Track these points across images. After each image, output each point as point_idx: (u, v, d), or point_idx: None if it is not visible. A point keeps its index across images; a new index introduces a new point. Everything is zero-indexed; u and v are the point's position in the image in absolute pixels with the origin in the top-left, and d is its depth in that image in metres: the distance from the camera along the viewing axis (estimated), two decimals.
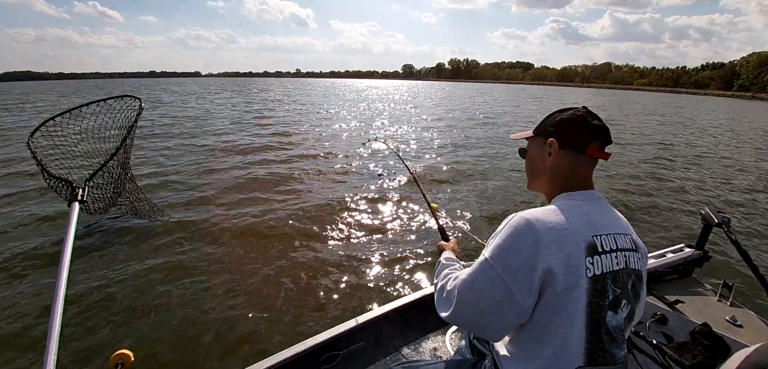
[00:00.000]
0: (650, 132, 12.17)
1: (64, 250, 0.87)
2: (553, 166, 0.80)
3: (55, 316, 0.80)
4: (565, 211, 0.71)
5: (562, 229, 0.68)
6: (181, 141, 8.68)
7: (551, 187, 0.81)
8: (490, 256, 0.71)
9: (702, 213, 1.91)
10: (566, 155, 0.78)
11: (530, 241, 0.67)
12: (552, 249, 0.66)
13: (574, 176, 0.78)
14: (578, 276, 0.66)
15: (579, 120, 0.78)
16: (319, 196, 4.80)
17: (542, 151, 0.82)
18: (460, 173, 6.20)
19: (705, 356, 1.35)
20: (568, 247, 0.66)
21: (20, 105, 19.71)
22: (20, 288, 2.73)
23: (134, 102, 3.47)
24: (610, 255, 0.69)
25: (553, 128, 0.81)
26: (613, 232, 0.72)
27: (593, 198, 0.76)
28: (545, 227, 0.67)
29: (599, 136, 0.77)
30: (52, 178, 2.77)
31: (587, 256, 0.67)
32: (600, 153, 0.77)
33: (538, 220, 0.68)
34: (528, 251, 0.67)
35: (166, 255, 3.20)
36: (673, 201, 5.09)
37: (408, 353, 1.53)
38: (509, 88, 66.13)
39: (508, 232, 0.70)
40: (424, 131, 11.12)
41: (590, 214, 0.72)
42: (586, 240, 0.68)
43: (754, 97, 60.83)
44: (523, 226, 0.69)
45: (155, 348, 2.17)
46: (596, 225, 0.71)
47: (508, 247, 0.69)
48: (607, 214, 0.75)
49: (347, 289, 2.77)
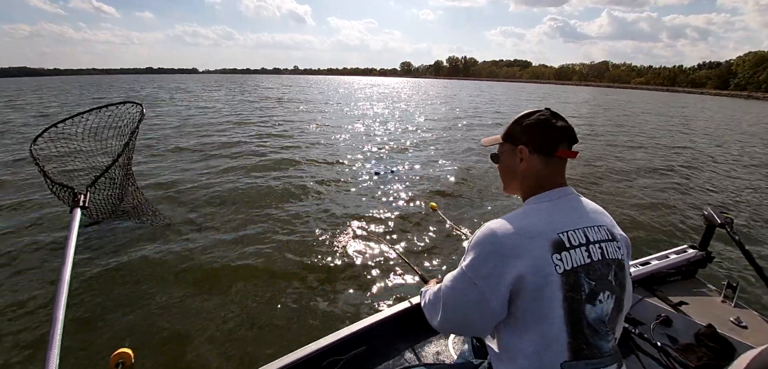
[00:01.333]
0: (650, 132, 12.22)
1: (66, 255, 0.85)
2: (525, 171, 0.82)
3: (57, 319, 0.79)
4: (530, 214, 0.76)
5: (525, 232, 0.71)
6: (181, 142, 8.62)
7: (525, 191, 0.84)
8: (465, 264, 0.76)
9: (705, 213, 1.91)
10: (537, 159, 0.80)
11: (494, 249, 0.71)
12: (516, 253, 0.69)
13: (545, 178, 0.80)
14: (547, 274, 0.68)
15: (545, 124, 0.80)
16: (320, 200, 4.79)
17: (514, 158, 0.84)
18: (462, 174, 6.19)
19: (710, 358, 1.34)
20: (534, 249, 0.69)
21: (28, 103, 19.53)
22: (22, 292, 2.71)
23: (135, 108, 3.46)
24: (579, 249, 0.72)
25: (522, 134, 0.83)
26: (582, 225, 0.74)
27: (563, 195, 0.79)
28: (507, 234, 0.72)
29: (566, 138, 0.80)
30: (54, 184, 2.75)
31: (554, 254, 0.69)
32: (568, 153, 0.80)
33: (501, 228, 0.73)
34: (493, 259, 0.71)
35: (167, 258, 3.18)
36: (675, 201, 5.11)
37: (410, 357, 1.52)
38: (510, 87, 66.22)
39: (476, 241, 0.75)
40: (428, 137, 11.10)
41: (557, 212, 0.75)
42: (550, 238, 0.70)
43: (750, 96, 61.23)
44: (488, 235, 0.74)
45: (156, 348, 2.16)
46: (562, 222, 0.73)
47: (477, 256, 0.74)
48: (577, 209, 0.78)
49: (349, 293, 2.75)
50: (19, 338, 2.25)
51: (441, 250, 3.36)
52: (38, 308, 2.53)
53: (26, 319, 2.42)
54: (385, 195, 4.87)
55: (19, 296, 2.65)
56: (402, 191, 4.97)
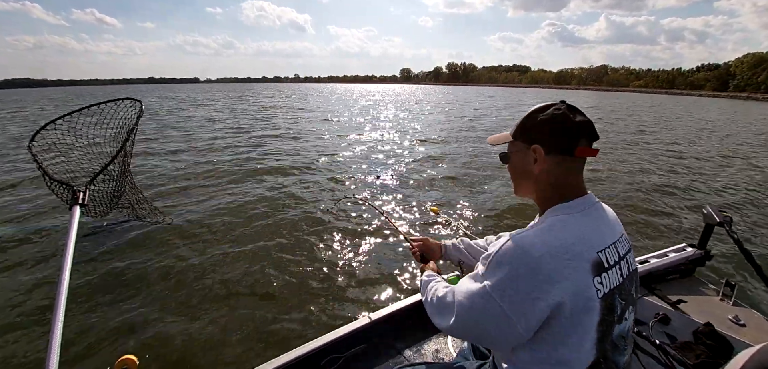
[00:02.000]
0: (650, 132, 12.24)
1: (66, 253, 0.86)
2: (541, 174, 0.73)
3: (57, 320, 0.79)
4: (564, 229, 0.66)
5: (565, 252, 0.63)
6: (181, 144, 8.67)
7: (542, 196, 0.75)
8: (489, 283, 0.67)
9: (704, 212, 1.91)
10: (554, 160, 0.71)
11: (529, 271, 0.63)
12: (556, 278, 0.61)
13: (565, 182, 0.72)
14: (589, 299, 0.63)
15: (562, 119, 0.71)
16: (321, 201, 4.80)
17: (527, 158, 0.75)
18: (464, 177, 6.21)
19: (708, 356, 1.34)
20: (575, 272, 0.62)
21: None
22: (21, 292, 2.71)
23: (134, 105, 3.46)
24: (615, 268, 0.67)
25: (536, 132, 0.73)
26: (614, 240, 0.69)
27: (591, 205, 0.72)
28: (544, 254, 0.62)
29: (585, 134, 0.71)
30: (53, 181, 2.76)
31: (595, 276, 0.63)
32: (589, 151, 0.71)
33: (535, 246, 0.63)
34: (527, 282, 0.63)
35: (167, 258, 3.19)
36: (674, 200, 5.11)
37: (410, 355, 1.52)
38: (513, 92, 66.46)
39: (504, 258, 0.66)
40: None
41: (591, 227, 0.68)
42: (591, 258, 0.64)
43: (749, 97, 61.29)
44: (520, 254, 0.64)
45: (158, 352, 2.16)
46: (598, 238, 0.67)
47: (507, 277, 0.65)
48: (606, 221, 0.72)
49: (349, 292, 2.76)
50: (19, 338, 2.24)
51: None
52: (38, 307, 2.54)
53: (25, 319, 2.42)
54: (386, 197, 4.88)
55: (19, 295, 2.66)
56: (404, 194, 4.98)
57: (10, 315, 2.46)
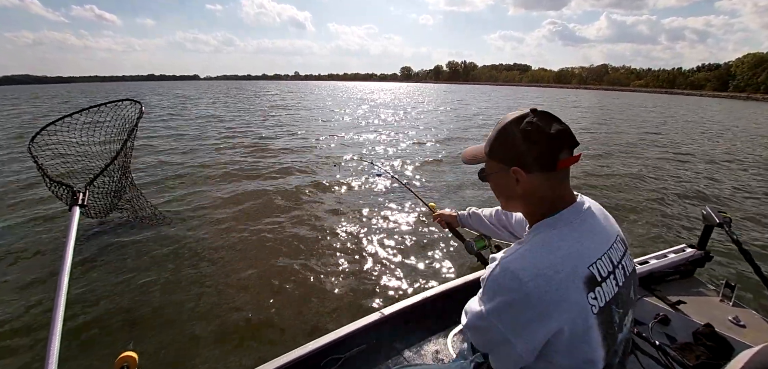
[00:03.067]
0: (650, 132, 12.23)
1: (66, 253, 0.86)
2: (526, 194, 0.70)
3: (57, 319, 0.79)
4: (552, 248, 0.64)
5: (555, 274, 0.61)
6: (181, 145, 8.66)
7: (530, 212, 0.74)
8: (486, 308, 0.67)
9: (703, 213, 1.91)
10: (537, 178, 0.68)
11: (519, 298, 0.62)
12: (550, 307, 0.60)
13: (553, 196, 0.69)
14: (585, 318, 0.61)
15: (538, 134, 0.65)
16: (321, 200, 4.80)
17: (508, 180, 0.71)
18: (462, 174, 6.20)
19: (708, 357, 1.34)
20: (568, 293, 0.61)
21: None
22: (21, 293, 2.71)
23: (134, 106, 3.47)
24: (609, 280, 0.65)
25: (512, 152, 0.69)
26: (606, 248, 0.67)
27: (578, 214, 0.69)
28: (534, 279, 0.60)
29: (566, 143, 0.67)
30: (53, 182, 2.77)
31: (589, 293, 0.62)
32: (571, 160, 0.68)
33: (525, 270, 0.62)
34: (520, 311, 0.62)
35: (168, 258, 3.19)
36: (673, 201, 5.11)
37: (410, 356, 1.52)
38: (514, 91, 66.37)
39: (497, 288, 0.65)
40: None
41: (580, 240, 0.66)
42: (583, 276, 0.62)
43: (749, 97, 61.24)
44: (510, 282, 0.63)
45: (159, 350, 2.17)
46: (589, 251, 0.65)
47: (501, 306, 0.64)
48: (597, 228, 0.69)
49: (348, 292, 2.76)
50: (19, 338, 2.25)
51: (439, 248, 3.37)
52: (37, 308, 2.53)
53: (25, 320, 2.42)
54: (385, 195, 4.88)
55: (18, 296, 2.66)
56: (403, 193, 4.98)
57: (10, 315, 2.46)
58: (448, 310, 1.67)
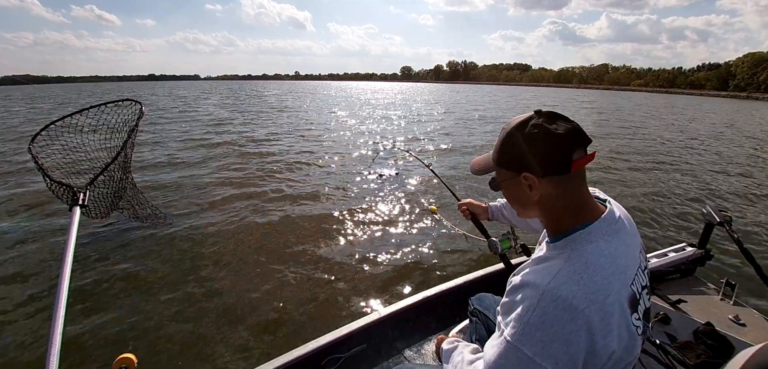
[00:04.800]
0: (650, 132, 12.22)
1: (66, 254, 0.86)
2: (543, 200, 0.66)
3: (57, 320, 0.79)
4: (597, 267, 0.58)
5: (606, 298, 0.56)
6: (181, 145, 8.66)
7: (553, 222, 0.68)
8: (529, 348, 0.56)
9: (703, 212, 1.92)
10: (551, 183, 0.63)
11: (577, 326, 0.55)
12: (607, 329, 0.56)
13: (573, 202, 0.64)
14: (632, 340, 0.59)
15: (545, 136, 0.61)
16: (320, 201, 4.80)
17: (520, 187, 0.67)
18: (463, 176, 6.20)
19: (709, 356, 1.34)
20: (619, 318, 0.57)
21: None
22: (22, 292, 2.71)
23: (135, 106, 3.46)
24: (642, 293, 0.62)
25: (520, 158, 0.65)
26: (637, 261, 0.64)
27: (612, 226, 0.64)
28: (591, 305, 0.55)
29: (576, 143, 0.62)
30: (54, 182, 2.77)
31: (632, 314, 0.59)
32: (586, 160, 0.63)
33: (576, 296, 0.55)
34: (580, 340, 0.55)
35: (167, 258, 3.19)
36: (674, 200, 5.11)
37: (410, 355, 1.52)
38: (515, 91, 66.33)
39: (544, 317, 0.56)
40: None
41: (619, 257, 0.61)
42: (627, 295, 0.59)
43: (749, 96, 61.22)
44: (562, 308, 0.55)
45: (158, 351, 2.17)
46: (628, 268, 0.61)
47: (552, 339, 0.55)
48: (628, 240, 0.65)
49: (349, 292, 2.76)
50: (19, 339, 2.25)
51: (439, 252, 3.37)
52: (38, 308, 2.54)
53: (25, 320, 2.42)
54: (387, 196, 4.88)
55: (18, 296, 2.66)
56: (404, 193, 4.98)
57: (11, 315, 2.47)
58: (448, 310, 1.67)
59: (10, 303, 2.60)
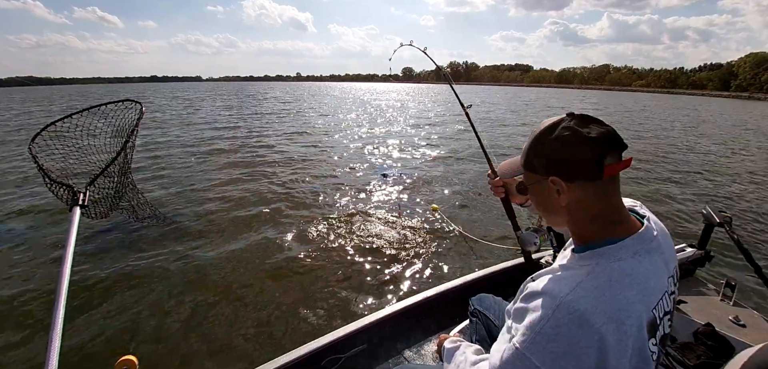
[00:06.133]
0: (651, 132, 12.19)
1: (66, 255, 0.86)
2: (571, 205, 0.63)
3: (57, 320, 0.79)
4: (622, 286, 0.56)
5: (626, 319, 0.54)
6: (181, 145, 8.68)
7: (579, 230, 0.65)
8: (533, 356, 0.55)
9: (703, 212, 1.91)
10: (581, 189, 0.60)
11: (591, 345, 0.53)
12: (620, 351, 0.53)
13: (601, 209, 0.61)
14: (646, 364, 0.57)
15: (575, 139, 0.59)
16: (322, 200, 4.80)
17: (548, 192, 0.64)
18: (464, 176, 6.20)
19: (708, 356, 1.34)
20: (634, 340, 0.54)
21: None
22: (22, 293, 2.72)
23: (135, 106, 3.48)
24: (663, 319, 0.60)
25: (549, 160, 0.63)
26: (665, 287, 0.61)
27: (645, 244, 0.61)
28: (608, 323, 0.53)
29: (610, 147, 0.59)
30: (54, 183, 2.77)
31: (650, 339, 0.57)
32: (620, 166, 0.60)
33: (596, 312, 0.53)
34: (591, 357, 0.53)
35: (167, 259, 3.20)
36: (674, 200, 5.09)
37: (410, 356, 1.52)
38: (516, 91, 66.28)
39: (560, 333, 0.54)
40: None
41: (647, 278, 0.58)
42: (648, 319, 0.56)
43: (750, 97, 61.04)
44: (578, 324, 0.53)
45: (159, 353, 2.17)
46: (654, 292, 0.58)
47: (561, 353, 0.54)
48: (659, 262, 0.61)
49: (349, 292, 2.76)
50: (19, 340, 2.26)
51: (440, 250, 3.37)
52: (37, 309, 2.54)
53: (25, 321, 2.43)
54: (389, 196, 4.89)
55: (18, 297, 2.67)
56: (406, 193, 4.99)
57: (11, 316, 2.48)
58: (448, 310, 1.67)
59: (10, 303, 2.60)
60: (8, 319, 2.44)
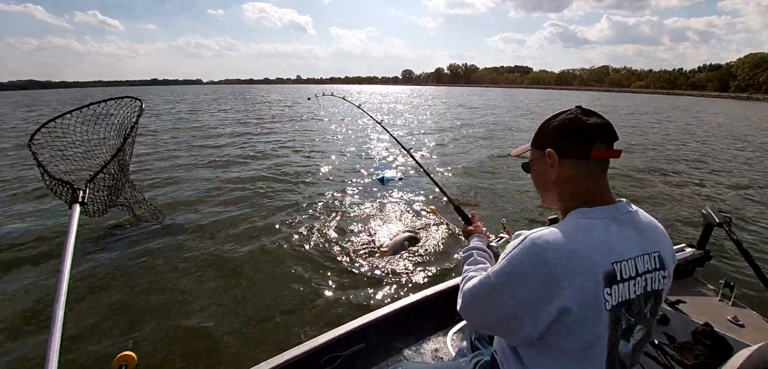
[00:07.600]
0: (651, 132, 12.21)
1: (65, 252, 0.87)
2: (558, 179, 0.72)
3: (57, 318, 0.79)
4: (581, 233, 0.63)
5: (577, 257, 0.61)
6: (181, 145, 8.70)
7: (563, 202, 0.74)
8: (496, 279, 0.67)
9: (703, 213, 1.91)
10: (569, 165, 0.70)
11: (540, 272, 0.61)
12: (564, 283, 0.60)
13: (585, 187, 0.70)
14: (596, 311, 0.61)
15: (572, 123, 0.70)
16: (323, 203, 4.80)
17: (544, 165, 0.74)
18: (463, 178, 6.21)
19: (707, 356, 1.34)
20: (584, 279, 0.60)
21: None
22: (21, 291, 2.72)
23: (135, 103, 3.46)
24: (628, 283, 0.64)
25: (549, 138, 0.74)
26: (635, 254, 0.65)
27: (618, 214, 0.68)
28: (557, 255, 0.60)
29: (600, 135, 0.68)
30: (53, 180, 2.77)
31: (605, 287, 0.61)
32: (607, 153, 0.69)
33: (549, 246, 0.61)
34: (537, 283, 0.61)
35: (167, 257, 3.20)
36: (673, 201, 5.09)
37: (409, 354, 1.52)
38: (516, 92, 66.36)
39: (516, 257, 0.64)
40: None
41: (611, 237, 0.64)
42: (604, 269, 0.61)
43: (749, 97, 61.13)
44: (532, 253, 0.62)
45: (158, 349, 2.17)
46: (617, 250, 0.64)
47: (515, 275, 0.64)
48: (635, 233, 0.68)
49: (348, 291, 2.75)
50: (18, 338, 2.25)
51: (438, 250, 3.37)
52: (38, 306, 2.55)
53: (25, 319, 2.43)
54: (388, 199, 4.89)
55: (18, 295, 2.67)
56: (404, 196, 4.99)
57: (10, 314, 2.48)
58: (447, 309, 1.67)
59: (10, 301, 2.60)
60: (9, 317, 2.44)
